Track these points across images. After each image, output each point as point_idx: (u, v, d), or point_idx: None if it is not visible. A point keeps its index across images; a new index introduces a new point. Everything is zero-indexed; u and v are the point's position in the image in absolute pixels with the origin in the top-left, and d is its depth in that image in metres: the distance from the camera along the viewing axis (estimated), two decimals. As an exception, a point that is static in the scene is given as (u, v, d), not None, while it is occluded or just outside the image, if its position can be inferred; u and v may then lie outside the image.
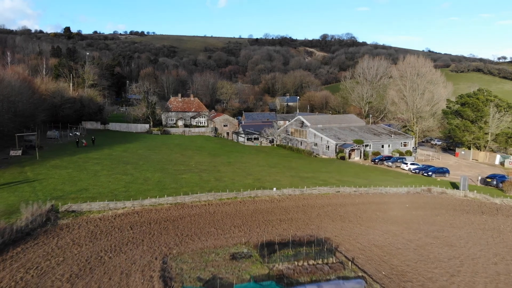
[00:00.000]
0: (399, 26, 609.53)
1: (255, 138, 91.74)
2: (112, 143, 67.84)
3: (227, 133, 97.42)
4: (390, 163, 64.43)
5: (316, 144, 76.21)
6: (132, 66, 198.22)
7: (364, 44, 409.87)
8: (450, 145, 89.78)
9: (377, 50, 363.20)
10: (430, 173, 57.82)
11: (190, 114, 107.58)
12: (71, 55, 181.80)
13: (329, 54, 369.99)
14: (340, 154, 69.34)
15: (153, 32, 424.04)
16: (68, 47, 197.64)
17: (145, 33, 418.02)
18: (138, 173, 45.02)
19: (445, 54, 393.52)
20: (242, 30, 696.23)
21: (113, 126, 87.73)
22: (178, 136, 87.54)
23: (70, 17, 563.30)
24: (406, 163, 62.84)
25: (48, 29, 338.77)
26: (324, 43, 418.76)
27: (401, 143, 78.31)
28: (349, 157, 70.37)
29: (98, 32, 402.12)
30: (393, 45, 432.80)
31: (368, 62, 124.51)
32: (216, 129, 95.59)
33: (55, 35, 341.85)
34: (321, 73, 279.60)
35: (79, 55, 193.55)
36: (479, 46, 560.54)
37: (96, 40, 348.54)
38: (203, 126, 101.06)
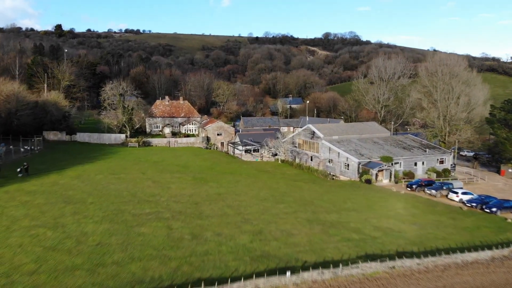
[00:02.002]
0: (399, 26, 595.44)
1: (255, 150, 76.22)
2: (67, 163, 52.14)
3: (222, 144, 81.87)
4: (433, 192, 48.74)
5: (331, 161, 60.61)
6: (122, 65, 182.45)
7: (368, 42, 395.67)
8: (492, 159, 74.25)
9: (382, 49, 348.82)
10: (494, 209, 42.19)
11: (179, 119, 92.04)
12: (54, 53, 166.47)
13: (332, 53, 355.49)
14: (365, 177, 53.68)
15: (149, 31, 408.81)
16: (51, 44, 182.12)
17: (141, 31, 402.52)
18: (75, 223, 29.46)
19: (450, 53, 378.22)
20: (242, 28, 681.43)
21: (81, 136, 71.99)
22: (161, 148, 71.65)
23: (72, 17, 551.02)
24: (456, 192, 47.17)
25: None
26: (327, 41, 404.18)
27: (437, 159, 62.75)
28: (376, 179, 54.76)
29: (92, 30, 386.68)
30: (397, 44, 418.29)
31: (384, 59, 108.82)
32: (208, 139, 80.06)
33: (45, 33, 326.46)
34: (325, 72, 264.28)
35: (63, 52, 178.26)
36: (480, 46, 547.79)
37: (88, 38, 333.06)
38: (193, 135, 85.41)
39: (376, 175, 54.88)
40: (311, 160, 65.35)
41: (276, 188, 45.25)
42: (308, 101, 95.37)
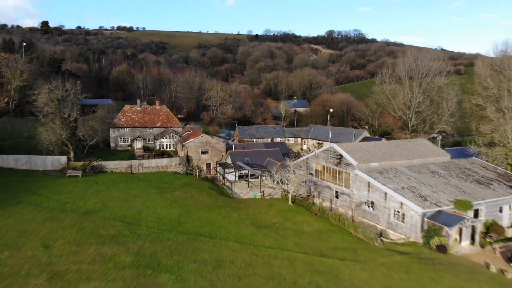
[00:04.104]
0: (400, 26, 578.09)
1: (252, 175, 54.74)
2: None
3: (208, 165, 60.35)
4: None
5: (371, 204, 39.02)
6: (103, 62, 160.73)
7: (374, 41, 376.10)
8: None
9: (389, 48, 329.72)
10: None
11: (155, 130, 70.50)
12: (26, 50, 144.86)
13: (336, 52, 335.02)
14: (435, 240, 32.07)
15: (143, 28, 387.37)
16: (22, 39, 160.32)
17: (134, 28, 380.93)
18: None
19: (458, 52, 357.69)
20: (242, 26, 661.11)
21: (5, 160, 49.96)
22: (114, 178, 49.31)
23: (73, 16, 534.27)
24: None
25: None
26: (330, 39, 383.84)
27: (529, 199, 41.08)
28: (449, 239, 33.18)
29: (81, 27, 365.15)
30: (404, 42, 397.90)
31: (415, 55, 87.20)
32: (188, 160, 58.54)
33: (30, 30, 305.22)
34: (331, 72, 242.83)
35: (36, 49, 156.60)
36: (482, 46, 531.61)
37: (76, 35, 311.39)
38: (168, 154, 63.79)
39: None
40: (337, 197, 43.75)
41: (292, 283, 23.51)
42: (332, 110, 73.53)
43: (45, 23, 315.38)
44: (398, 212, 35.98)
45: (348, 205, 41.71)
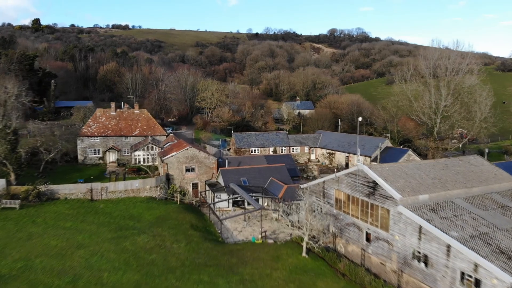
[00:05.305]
0: (402, 26, 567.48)
1: (250, 202, 42.32)
2: None
3: (194, 186, 48.03)
4: None
5: (423, 258, 26.74)
6: (90, 60, 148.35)
7: (377, 39, 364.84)
8: None
9: (394, 46, 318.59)
10: None
11: (132, 140, 58.14)
12: (6, 47, 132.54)
13: (339, 51, 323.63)
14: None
15: (139, 26, 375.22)
16: (2, 36, 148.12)
17: (130, 27, 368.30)
18: None
19: (464, 52, 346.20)
20: (241, 24, 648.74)
21: None
22: (64, 210, 36.68)
23: (74, 16, 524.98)
24: None
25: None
26: (333, 38, 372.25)
27: None
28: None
29: (76, 25, 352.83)
30: (409, 41, 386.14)
31: (440, 52, 74.98)
32: (168, 180, 46.29)
33: (20, 28, 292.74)
34: (335, 71, 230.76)
35: (17, 46, 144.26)
36: (482, 46, 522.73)
37: (68, 33, 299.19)
38: (146, 171, 51.34)
39: None
40: (369, 241, 31.43)
41: None
42: (360, 118, 61.01)
43: (36, 21, 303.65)
44: (470, 276, 23.71)
45: (387, 254, 29.41)
